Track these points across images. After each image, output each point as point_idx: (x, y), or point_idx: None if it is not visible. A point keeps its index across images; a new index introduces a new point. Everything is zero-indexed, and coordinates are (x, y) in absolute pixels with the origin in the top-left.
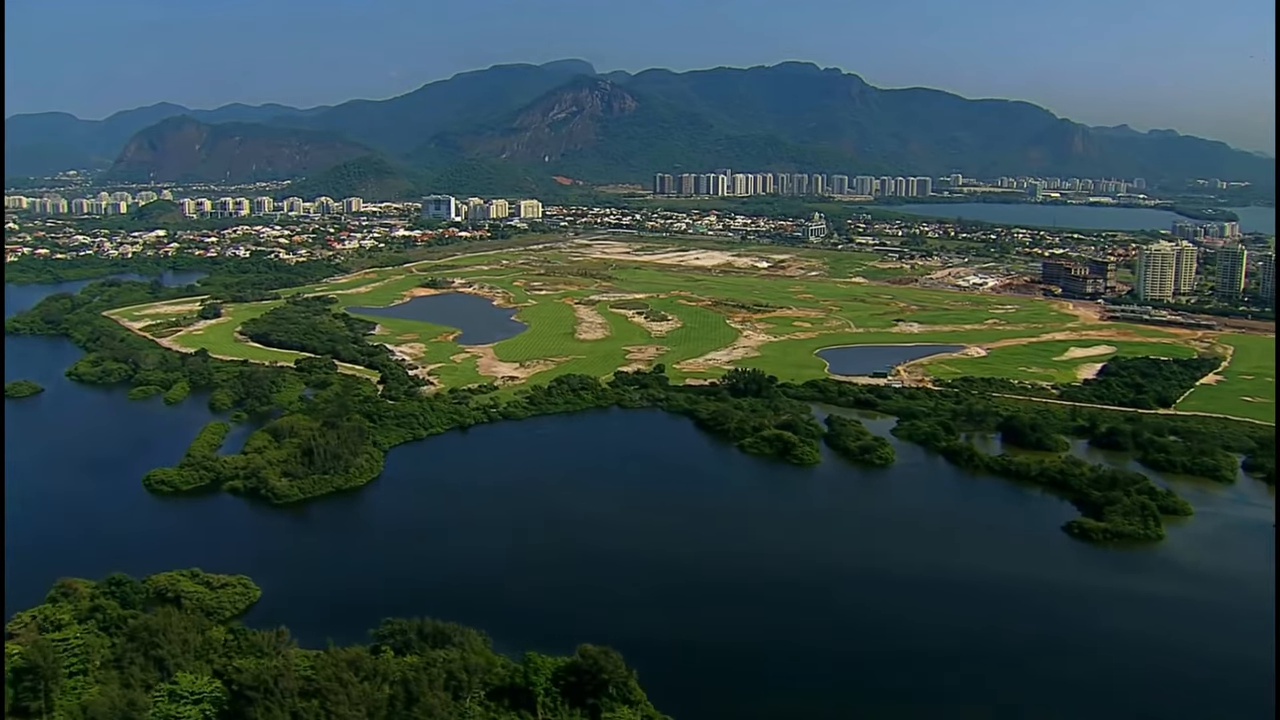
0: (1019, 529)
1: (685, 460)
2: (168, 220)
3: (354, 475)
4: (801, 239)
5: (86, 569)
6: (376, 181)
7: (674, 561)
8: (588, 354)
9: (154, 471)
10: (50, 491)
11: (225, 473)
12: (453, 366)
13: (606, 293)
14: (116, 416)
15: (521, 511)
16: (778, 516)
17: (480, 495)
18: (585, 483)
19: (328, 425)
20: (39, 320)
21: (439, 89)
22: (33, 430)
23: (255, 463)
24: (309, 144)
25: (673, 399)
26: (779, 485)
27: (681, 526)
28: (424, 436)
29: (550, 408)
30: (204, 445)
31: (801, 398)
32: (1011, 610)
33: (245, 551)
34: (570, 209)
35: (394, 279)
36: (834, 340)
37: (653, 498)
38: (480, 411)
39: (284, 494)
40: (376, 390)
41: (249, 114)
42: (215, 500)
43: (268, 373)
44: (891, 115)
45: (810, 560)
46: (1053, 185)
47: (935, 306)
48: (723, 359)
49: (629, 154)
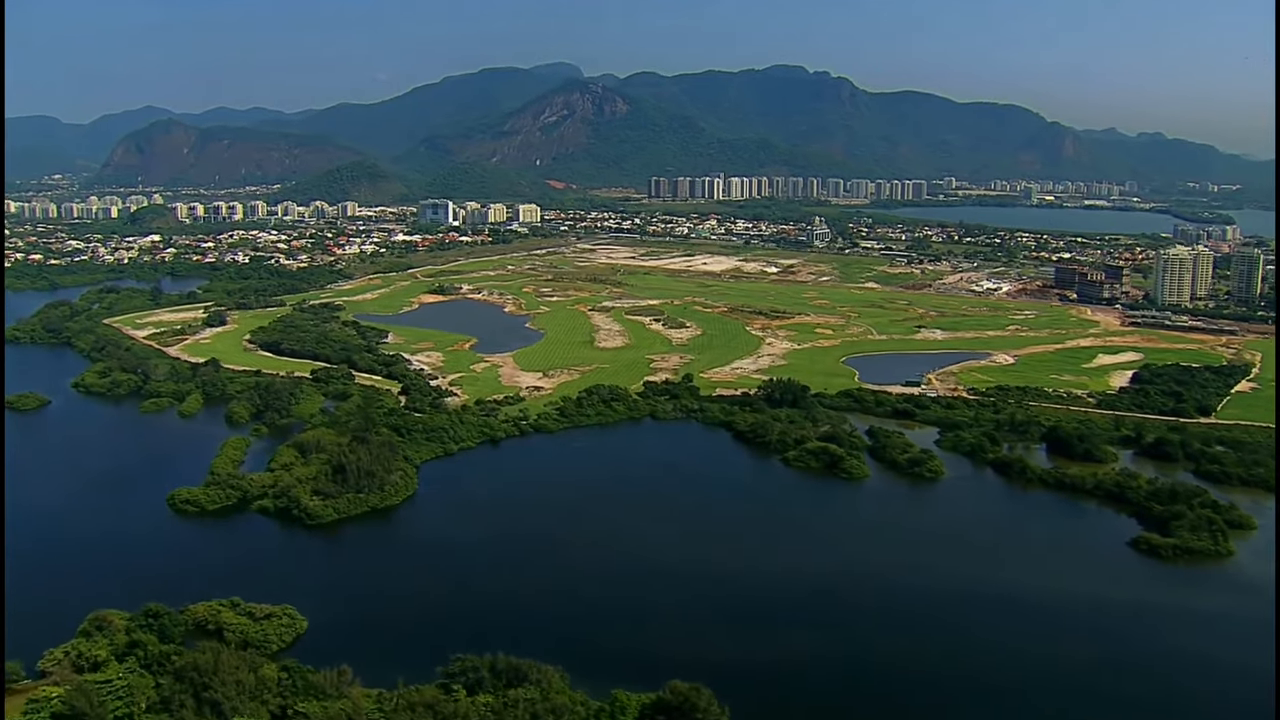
0: (1083, 545)
1: (729, 474)
2: (161, 225)
3: (389, 493)
4: (806, 243)
5: (116, 598)
6: (369, 185)
7: (742, 582)
8: (610, 363)
9: (178, 490)
10: (69, 512)
11: (253, 491)
12: (474, 376)
13: (619, 299)
14: (130, 430)
15: (571, 531)
16: (837, 534)
17: (524, 514)
18: (631, 499)
19: (357, 440)
20: (39, 328)
21: (427, 92)
22: (44, 445)
23: (284, 481)
24: (298, 147)
25: (707, 410)
26: (831, 501)
27: (742, 545)
28: (455, 451)
29: (582, 420)
30: (226, 462)
31: (838, 408)
32: (1092, 631)
33: (284, 578)
34: (568, 213)
35: (399, 285)
36: (859, 348)
37: (705, 514)
38: (511, 424)
39: (318, 514)
40: (399, 402)
41: (235, 117)
42: (244, 521)
43: (285, 384)
44: (881, 118)
45: (878, 580)
46: (1046, 188)
47: (954, 312)
48: (749, 368)
49: (621, 157)
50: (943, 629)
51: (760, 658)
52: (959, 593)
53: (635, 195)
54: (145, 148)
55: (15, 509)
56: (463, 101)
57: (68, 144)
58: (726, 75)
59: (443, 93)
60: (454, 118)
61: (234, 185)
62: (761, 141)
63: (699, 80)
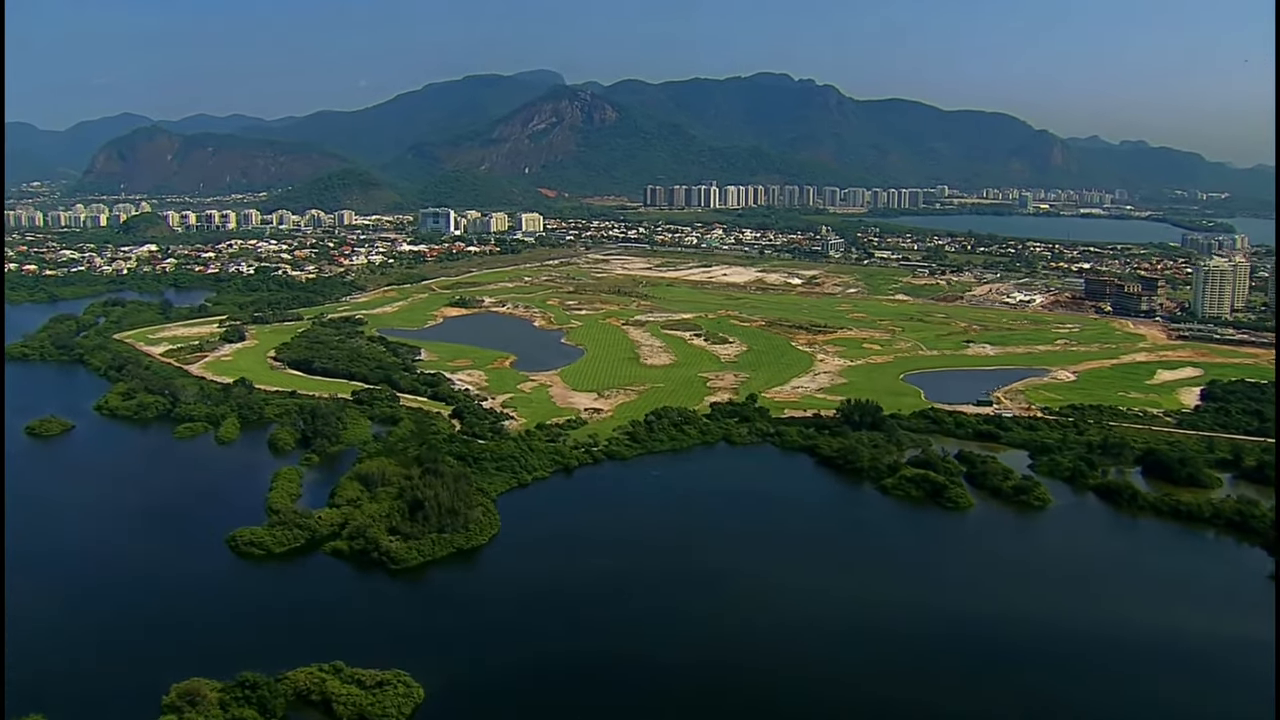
0: (1223, 581)
1: (828, 505)
2: (155, 234)
3: (474, 532)
4: (821, 254)
5: (197, 662)
6: (362, 193)
7: (889, 631)
8: (663, 381)
9: (239, 531)
10: (122, 557)
11: (322, 531)
12: (525, 397)
13: (650, 313)
14: (167, 459)
15: (686, 573)
16: (970, 572)
17: (628, 553)
18: (738, 535)
19: (430, 473)
20: (49, 344)
21: (411, 99)
22: (77, 477)
23: (355, 519)
24: (284, 155)
25: (785, 434)
26: (945, 533)
27: (872, 586)
28: (529, 481)
29: (655, 445)
30: (283, 496)
31: (916, 430)
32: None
33: (382, 634)
34: (569, 221)
35: (417, 298)
36: (914, 364)
37: (818, 551)
38: (582, 451)
39: (401, 558)
40: (453, 427)
41: (216, 124)
42: (316, 565)
43: (330, 407)
44: (870, 126)
45: (1036, 626)
46: (1039, 196)
47: (996, 326)
48: (810, 387)
49: (611, 165)
50: (1125, 681)
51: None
52: (1121, 640)
53: (630, 204)
54: (128, 154)
55: (63, 554)
56: (448, 109)
57: (45, 150)
58: (713, 83)
59: (427, 100)
60: (440, 125)
61: (219, 193)
62: (753, 150)
63: (686, 88)
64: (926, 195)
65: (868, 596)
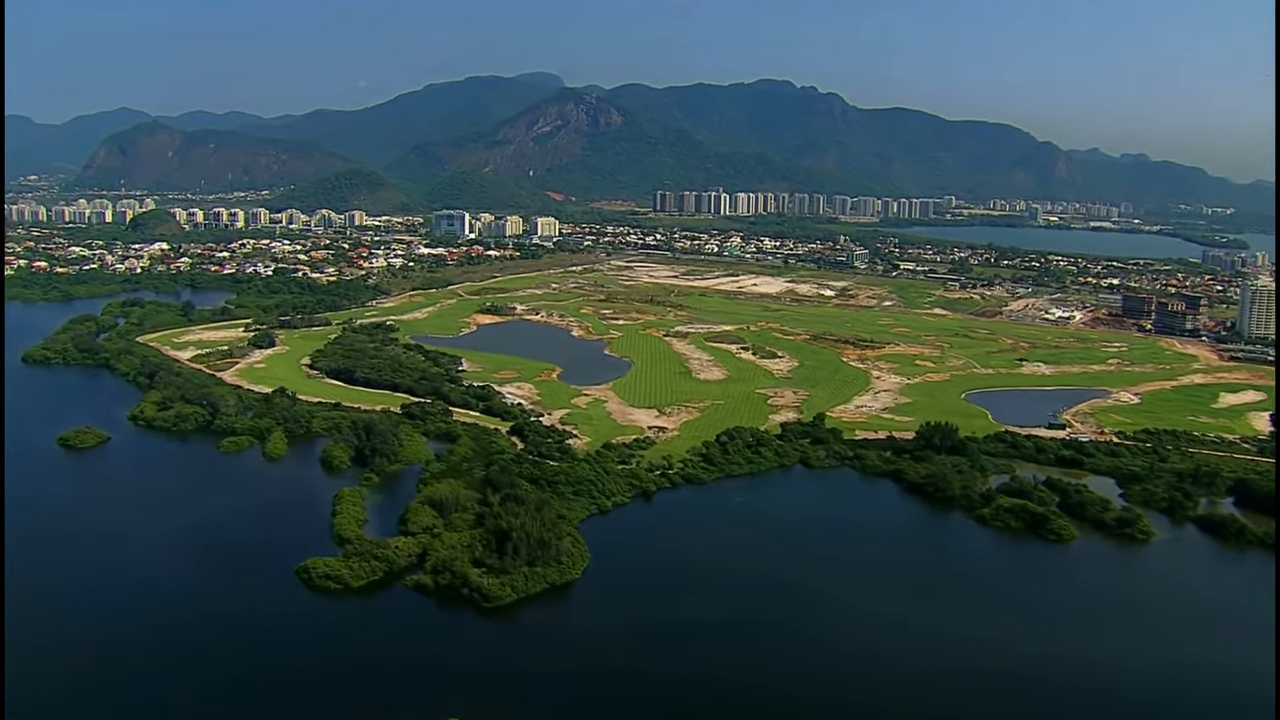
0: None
1: (924, 536)
2: (164, 231)
3: (567, 566)
4: (847, 264)
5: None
6: (369, 194)
7: (1022, 676)
8: (721, 397)
9: (311, 562)
10: (187, 589)
11: (399, 562)
12: (582, 414)
13: (689, 323)
14: (215, 476)
15: (803, 611)
16: (1086, 611)
17: (739, 590)
18: (836, 568)
19: (510, 499)
20: (72, 348)
21: (411, 99)
22: (122, 495)
23: (436, 550)
24: (286, 153)
25: (864, 457)
26: (1053, 568)
27: (995, 628)
28: (609, 508)
29: (732, 468)
30: (349, 521)
31: (994, 454)
32: None
33: (501, 688)
34: (582, 226)
35: (446, 303)
36: (973, 383)
37: (928, 588)
38: (658, 474)
39: (495, 595)
40: (513, 444)
41: (214, 121)
42: (398, 601)
43: (385, 421)
44: (873, 134)
45: (1156, 672)
46: (1046, 209)
47: (1043, 343)
48: (875, 406)
49: (617, 169)
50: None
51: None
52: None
53: (640, 209)
54: (128, 150)
55: (123, 585)
56: (448, 109)
57: (41, 145)
58: (716, 88)
59: (427, 100)
60: (441, 126)
61: (221, 190)
62: (760, 157)
63: (689, 93)
64: (935, 206)
65: (993, 638)
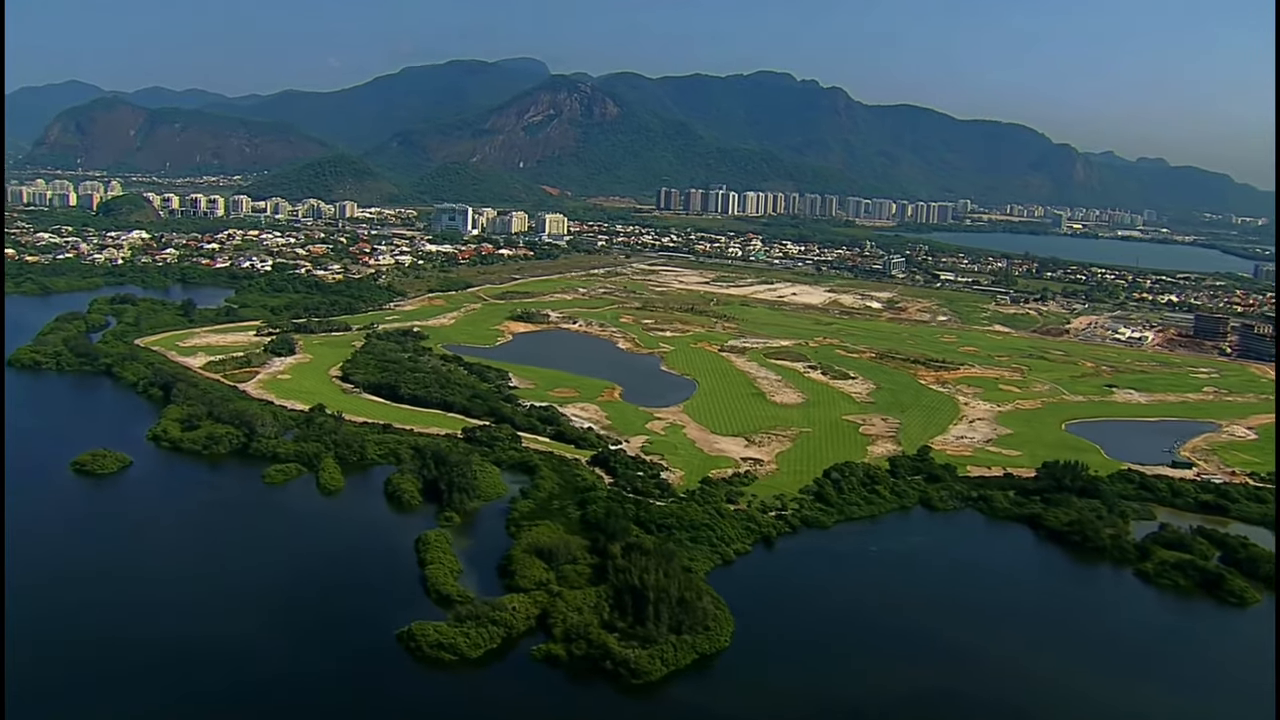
0: None
1: (1088, 594)
2: (140, 219)
3: (715, 632)
4: (883, 272)
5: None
6: (355, 183)
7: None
8: (806, 423)
9: (417, 627)
10: (263, 658)
11: (517, 626)
12: (663, 441)
13: (742, 337)
14: (268, 514)
15: (999, 684)
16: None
17: (906, 655)
18: (1011, 628)
19: (633, 549)
20: (66, 351)
21: (389, 83)
22: (161, 538)
23: (559, 611)
24: (259, 136)
25: (992, 499)
26: (1254, 641)
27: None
28: (733, 558)
29: (851, 510)
30: (444, 572)
31: (1127, 497)
32: None
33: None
34: (589, 225)
35: (470, 308)
36: (1068, 412)
37: (1130, 662)
38: (773, 516)
39: (644, 669)
40: (600, 478)
41: (172, 99)
42: (525, 674)
43: (455, 450)
44: (879, 132)
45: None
46: (1069, 216)
47: (1125, 367)
48: (975, 437)
49: (614, 163)
50: None
51: None
52: None
53: (641, 206)
54: (86, 127)
55: (196, 657)
56: (428, 95)
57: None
58: (714, 80)
59: (406, 84)
60: (422, 112)
61: (189, 173)
62: (764, 153)
63: (685, 84)
64: (952, 211)
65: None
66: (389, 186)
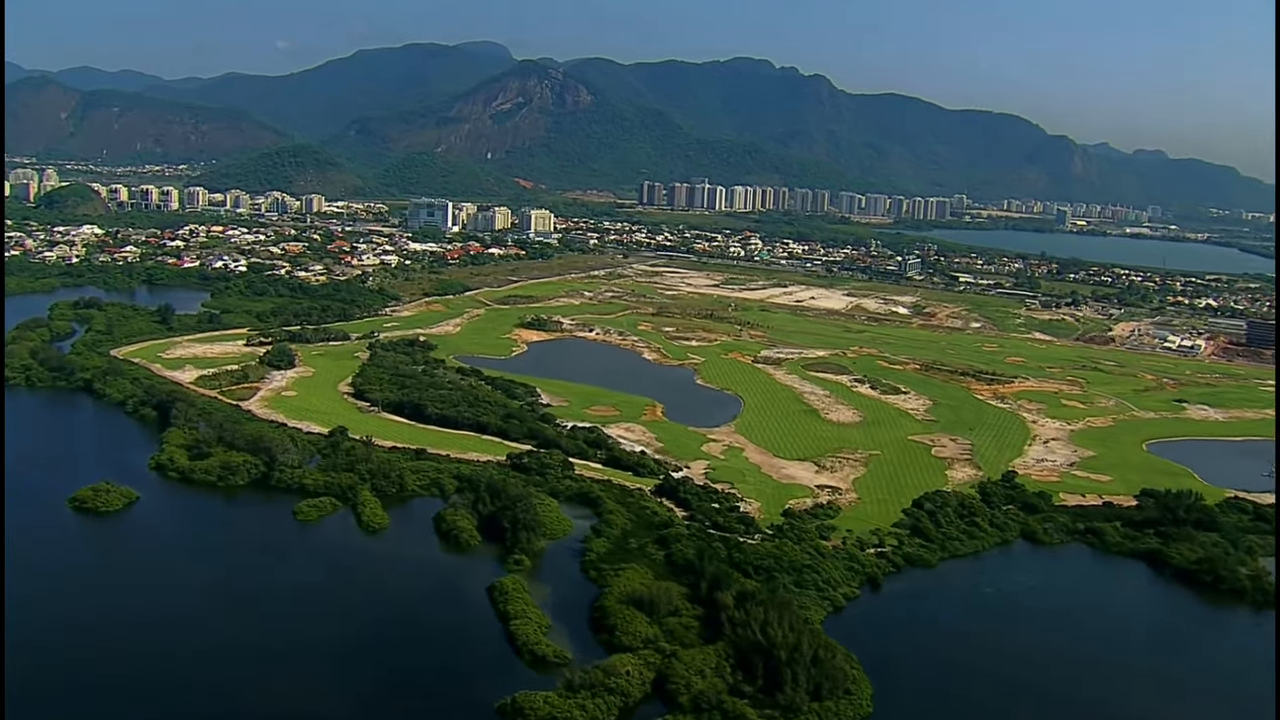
0: None
1: (1249, 646)
2: (88, 212)
3: (857, 696)
4: (899, 274)
5: None
6: (317, 174)
7: None
8: (873, 445)
9: (522, 698)
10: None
11: (633, 693)
12: (725, 466)
13: (773, 347)
14: (309, 559)
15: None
16: None
17: None
18: (1165, 689)
19: (748, 599)
20: (36, 365)
21: (341, 66)
22: (193, 589)
23: (678, 675)
24: (206, 123)
25: (1103, 532)
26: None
27: None
28: (842, 603)
29: (953, 545)
30: (533, 628)
31: (1244, 529)
32: None
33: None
34: (573, 220)
35: (472, 313)
36: (1142, 431)
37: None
38: (879, 556)
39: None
40: (670, 510)
41: (104, 80)
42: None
43: (510, 482)
44: (864, 123)
45: None
46: (1074, 212)
47: (1187, 380)
48: (1057, 461)
49: (588, 155)
50: None
51: None
52: None
53: (622, 201)
54: (12, 109)
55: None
56: (386, 80)
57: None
58: (689, 66)
59: (360, 67)
60: (381, 99)
61: (129, 162)
62: (746, 145)
63: (659, 70)
64: (949, 207)
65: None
66: (353, 179)
